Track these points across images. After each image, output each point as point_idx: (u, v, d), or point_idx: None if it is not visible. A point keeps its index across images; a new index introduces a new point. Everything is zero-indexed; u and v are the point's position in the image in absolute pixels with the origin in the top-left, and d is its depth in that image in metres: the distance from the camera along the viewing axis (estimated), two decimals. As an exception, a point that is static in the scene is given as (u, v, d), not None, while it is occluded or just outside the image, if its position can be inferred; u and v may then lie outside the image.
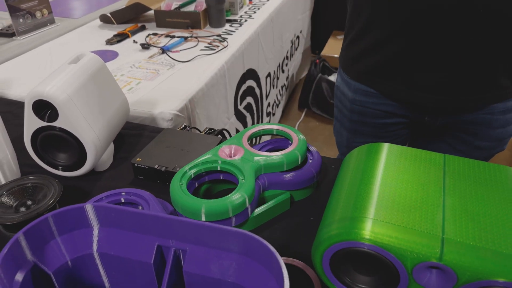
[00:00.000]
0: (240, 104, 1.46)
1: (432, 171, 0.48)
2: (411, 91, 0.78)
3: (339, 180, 0.52)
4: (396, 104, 0.83)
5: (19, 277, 0.35)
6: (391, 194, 0.44)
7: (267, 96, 1.86)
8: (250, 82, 1.54)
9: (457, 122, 0.82)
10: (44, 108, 0.61)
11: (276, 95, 2.08)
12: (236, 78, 1.36)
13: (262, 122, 1.83)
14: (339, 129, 0.97)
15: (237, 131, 1.45)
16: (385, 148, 0.52)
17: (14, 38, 1.37)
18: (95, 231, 0.39)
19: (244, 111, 1.51)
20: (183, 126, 0.80)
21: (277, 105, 2.15)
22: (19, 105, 0.92)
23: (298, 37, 2.41)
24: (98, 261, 0.39)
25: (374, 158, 0.50)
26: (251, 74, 1.52)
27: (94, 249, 0.38)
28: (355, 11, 0.80)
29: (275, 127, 0.67)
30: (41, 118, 0.62)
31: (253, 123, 1.66)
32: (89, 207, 0.37)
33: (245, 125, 1.54)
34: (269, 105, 1.94)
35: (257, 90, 1.66)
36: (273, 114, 2.08)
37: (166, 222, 0.38)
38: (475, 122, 0.81)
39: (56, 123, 0.62)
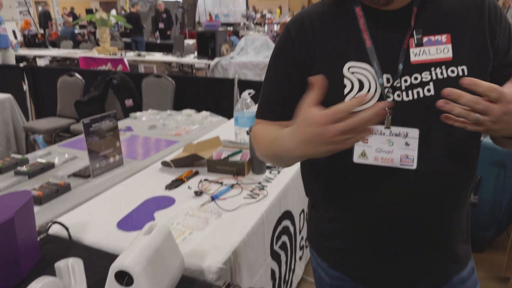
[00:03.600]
0: (276, 244, 1.59)
1: None
2: (368, 275, 0.89)
3: None
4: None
5: None
6: None
7: (300, 231, 1.98)
8: (286, 222, 1.69)
9: None
10: (124, 275, 0.78)
11: (310, 228, 2.19)
12: (273, 222, 1.52)
13: (295, 257, 1.92)
14: None
15: (272, 271, 1.55)
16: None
17: (89, 179, 1.64)
18: None
19: (279, 250, 1.63)
20: (227, 284, 0.94)
21: (311, 237, 2.24)
22: (92, 251, 1.10)
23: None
24: None
25: None
26: (286, 215, 1.68)
27: None
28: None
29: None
30: (120, 283, 0.78)
31: (286, 261, 1.76)
32: None
33: (279, 263, 1.64)
34: (302, 238, 2.04)
35: (292, 228, 1.80)
36: (306, 247, 2.17)
37: None
38: None
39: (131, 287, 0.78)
